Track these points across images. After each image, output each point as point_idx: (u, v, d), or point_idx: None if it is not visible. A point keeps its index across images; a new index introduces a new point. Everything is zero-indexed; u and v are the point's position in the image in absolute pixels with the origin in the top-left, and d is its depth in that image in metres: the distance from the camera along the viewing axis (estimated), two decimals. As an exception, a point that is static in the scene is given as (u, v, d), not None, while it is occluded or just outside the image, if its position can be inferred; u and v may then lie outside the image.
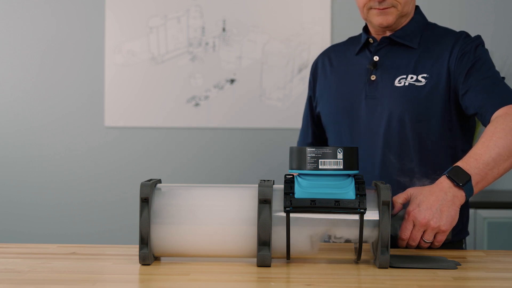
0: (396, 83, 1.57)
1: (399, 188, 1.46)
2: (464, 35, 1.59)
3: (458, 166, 1.35)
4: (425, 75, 1.56)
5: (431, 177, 1.46)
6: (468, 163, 1.35)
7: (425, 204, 1.31)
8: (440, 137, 1.55)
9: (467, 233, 1.64)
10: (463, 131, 1.59)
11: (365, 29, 1.69)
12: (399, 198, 1.37)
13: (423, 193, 1.33)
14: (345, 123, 1.63)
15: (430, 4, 2.90)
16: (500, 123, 1.39)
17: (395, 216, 1.36)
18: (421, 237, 1.33)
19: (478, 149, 1.37)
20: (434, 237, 1.33)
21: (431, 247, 1.37)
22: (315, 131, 1.79)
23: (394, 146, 1.55)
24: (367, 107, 1.59)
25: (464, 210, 1.60)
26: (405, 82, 1.57)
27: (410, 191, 1.37)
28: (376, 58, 1.62)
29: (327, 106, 1.68)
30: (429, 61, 1.57)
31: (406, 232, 1.32)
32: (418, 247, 1.37)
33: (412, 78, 1.56)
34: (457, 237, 1.59)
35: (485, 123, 1.46)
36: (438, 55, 1.57)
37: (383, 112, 1.57)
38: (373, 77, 1.60)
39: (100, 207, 3.12)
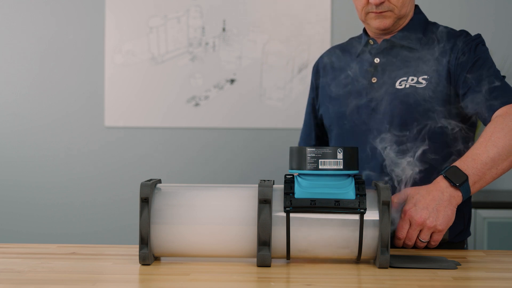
0: (397, 85, 1.57)
1: (401, 190, 1.46)
2: (464, 34, 1.58)
3: (455, 166, 1.34)
4: (425, 76, 1.55)
5: (433, 179, 1.46)
6: (465, 163, 1.35)
7: (421, 204, 1.31)
8: (442, 138, 1.54)
9: (469, 234, 1.64)
10: (465, 131, 1.59)
11: (365, 30, 1.69)
12: (396, 198, 1.37)
13: (420, 192, 1.33)
14: (347, 126, 1.62)
15: (430, 4, 2.90)
16: (500, 123, 1.38)
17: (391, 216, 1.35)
18: (417, 237, 1.33)
19: (476, 149, 1.36)
20: (431, 236, 1.33)
21: (427, 247, 1.37)
22: (318, 133, 1.78)
23: (396, 148, 1.54)
24: (369, 109, 1.59)
25: (466, 211, 1.60)
26: (405, 84, 1.56)
27: (407, 190, 1.37)
28: (376, 60, 1.61)
29: (329, 109, 1.68)
30: (429, 62, 1.56)
31: (402, 231, 1.32)
32: (415, 246, 1.37)
33: (412, 80, 1.56)
34: (458, 238, 1.59)
35: (486, 122, 1.46)
36: (438, 56, 1.56)
37: (385, 114, 1.56)
38: (374, 80, 1.60)
39: (100, 207, 3.12)
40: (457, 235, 1.58)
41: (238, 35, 3.08)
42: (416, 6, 1.66)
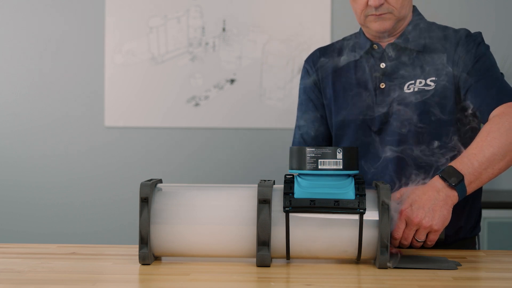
0: (406, 90, 1.56)
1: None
2: (465, 33, 1.58)
3: (451, 166, 1.35)
4: (433, 78, 1.55)
5: None
6: (461, 163, 1.35)
7: (417, 203, 1.31)
8: (453, 139, 1.54)
9: (479, 229, 1.66)
10: (474, 131, 1.59)
11: (364, 33, 1.66)
12: (392, 197, 1.37)
13: (416, 192, 1.33)
14: (357, 133, 1.61)
15: (430, 4, 2.90)
16: (496, 123, 1.38)
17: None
18: (414, 237, 1.33)
19: (472, 149, 1.36)
20: (427, 236, 1.33)
21: (423, 246, 1.37)
22: (326, 132, 1.75)
23: (408, 152, 1.54)
24: (379, 115, 1.58)
25: (476, 207, 1.62)
26: (414, 88, 1.56)
27: (403, 190, 1.37)
28: (382, 65, 1.60)
29: (337, 117, 1.65)
30: (435, 64, 1.56)
31: (398, 231, 1.32)
32: (411, 246, 1.37)
33: (420, 83, 1.55)
34: (470, 234, 1.61)
35: (484, 121, 1.47)
36: (442, 56, 1.56)
37: (396, 119, 1.56)
38: (382, 85, 1.59)
39: (100, 207, 3.12)
40: (469, 231, 1.60)
41: (238, 35, 3.08)
42: (414, 7, 1.65)
